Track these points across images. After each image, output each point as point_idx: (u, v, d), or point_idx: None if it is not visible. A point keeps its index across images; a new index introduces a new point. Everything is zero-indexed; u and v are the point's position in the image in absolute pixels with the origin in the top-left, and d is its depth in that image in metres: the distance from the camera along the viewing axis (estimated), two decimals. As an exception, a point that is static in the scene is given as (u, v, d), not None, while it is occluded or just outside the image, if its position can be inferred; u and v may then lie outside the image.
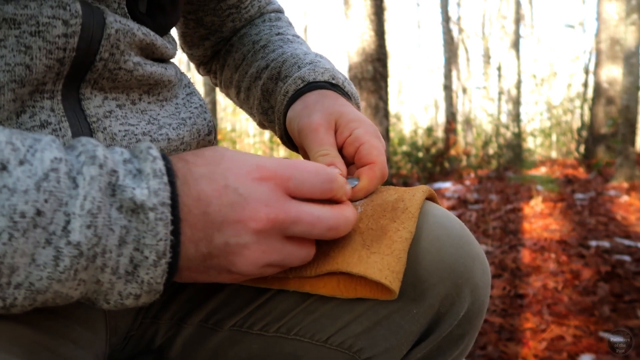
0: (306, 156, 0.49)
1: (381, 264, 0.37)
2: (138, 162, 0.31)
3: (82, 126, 0.37)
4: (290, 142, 0.54)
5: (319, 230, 0.34)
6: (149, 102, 0.44)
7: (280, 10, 0.68)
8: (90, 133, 0.38)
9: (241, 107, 0.65)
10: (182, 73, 0.51)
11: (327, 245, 0.39)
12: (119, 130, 0.40)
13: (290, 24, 0.67)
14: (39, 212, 0.26)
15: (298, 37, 0.64)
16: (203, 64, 0.69)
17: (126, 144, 0.40)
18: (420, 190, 0.44)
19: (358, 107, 0.53)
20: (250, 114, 0.63)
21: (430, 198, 0.46)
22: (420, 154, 6.37)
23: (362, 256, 0.37)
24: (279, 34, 0.62)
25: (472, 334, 0.45)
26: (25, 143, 0.27)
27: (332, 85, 0.51)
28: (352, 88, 0.53)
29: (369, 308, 0.42)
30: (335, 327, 0.42)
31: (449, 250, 0.42)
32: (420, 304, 0.41)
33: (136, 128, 0.41)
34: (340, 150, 0.47)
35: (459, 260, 0.41)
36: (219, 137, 6.26)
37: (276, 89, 0.55)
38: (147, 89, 0.44)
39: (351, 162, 0.47)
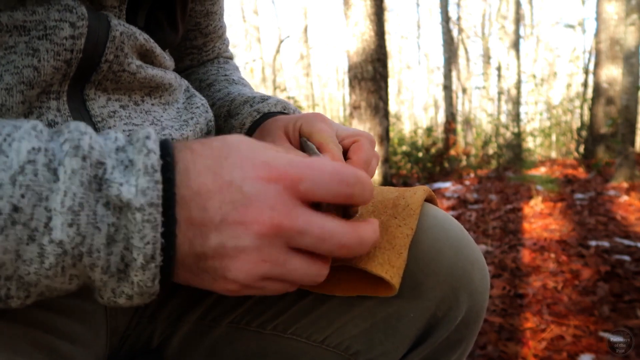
0: None
1: (382, 258, 0.37)
2: (132, 150, 0.28)
3: None
4: None
5: (329, 246, 0.29)
6: (152, 104, 0.45)
7: (231, 58, 0.72)
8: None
9: None
10: (181, 79, 0.52)
11: None
12: (123, 130, 0.40)
13: (236, 68, 0.70)
14: (15, 208, 0.24)
15: (243, 79, 0.67)
16: None
17: None
18: (421, 190, 0.44)
19: None
20: None
21: (429, 200, 0.46)
22: (420, 154, 6.36)
23: None
24: (225, 75, 0.65)
25: (469, 339, 0.45)
26: (2, 131, 0.26)
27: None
28: None
29: (366, 310, 0.42)
30: (331, 328, 0.42)
31: (447, 253, 0.41)
32: (417, 306, 0.41)
33: (140, 128, 0.42)
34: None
35: (457, 264, 0.41)
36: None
37: (226, 125, 0.55)
38: (149, 91, 0.45)
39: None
